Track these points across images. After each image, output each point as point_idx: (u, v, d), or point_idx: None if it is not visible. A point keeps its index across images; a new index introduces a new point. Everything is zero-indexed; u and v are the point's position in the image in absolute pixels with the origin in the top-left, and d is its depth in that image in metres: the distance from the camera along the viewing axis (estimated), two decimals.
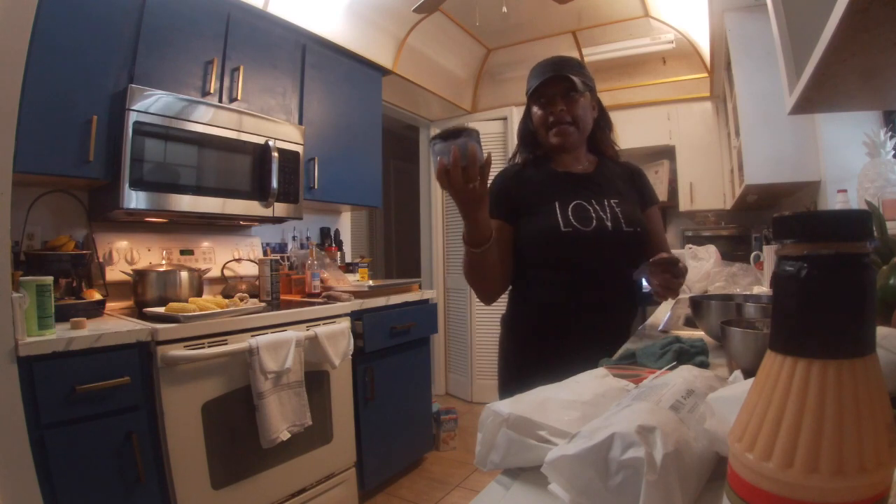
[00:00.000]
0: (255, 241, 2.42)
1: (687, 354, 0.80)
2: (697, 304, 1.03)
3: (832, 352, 0.24)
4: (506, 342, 1.25)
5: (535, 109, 1.18)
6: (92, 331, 1.36)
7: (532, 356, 1.16)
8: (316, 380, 1.90)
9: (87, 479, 1.29)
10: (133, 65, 1.72)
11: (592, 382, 0.58)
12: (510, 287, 1.22)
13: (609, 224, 1.11)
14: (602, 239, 1.10)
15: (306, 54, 2.39)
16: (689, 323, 1.37)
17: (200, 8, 1.94)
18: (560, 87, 1.13)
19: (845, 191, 1.77)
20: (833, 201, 1.92)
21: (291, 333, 1.75)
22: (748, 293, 1.62)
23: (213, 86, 1.96)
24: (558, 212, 1.12)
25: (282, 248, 2.58)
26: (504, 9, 2.35)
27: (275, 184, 2.05)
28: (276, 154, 2.06)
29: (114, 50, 1.67)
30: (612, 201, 1.15)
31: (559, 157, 1.21)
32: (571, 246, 1.10)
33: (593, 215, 1.13)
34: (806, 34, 0.69)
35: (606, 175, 1.22)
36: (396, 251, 5.20)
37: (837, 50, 0.56)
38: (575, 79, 1.12)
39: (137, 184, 1.66)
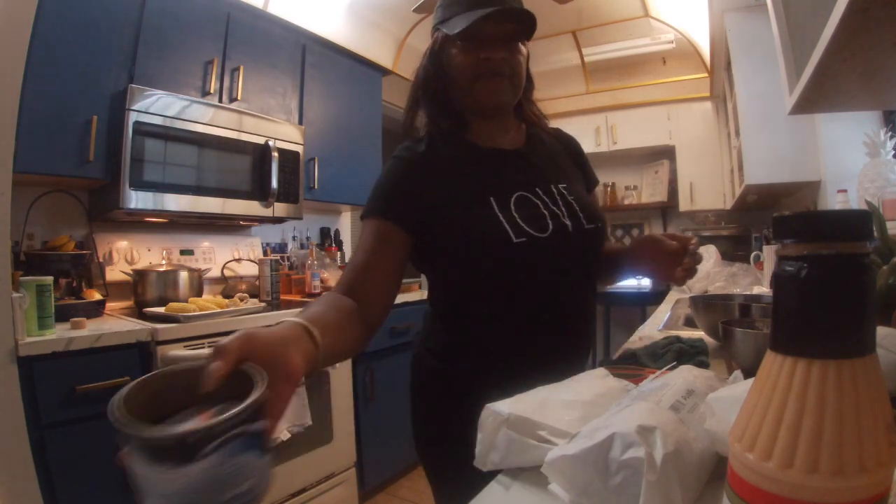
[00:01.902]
0: (255, 241, 2.42)
1: (687, 354, 0.80)
2: (697, 304, 1.04)
3: (832, 352, 0.24)
4: (432, 394, 0.92)
5: (458, 52, 0.80)
6: (92, 331, 1.36)
7: (470, 401, 0.69)
8: (316, 380, 1.90)
9: (87, 479, 1.29)
10: (133, 65, 1.72)
11: (592, 382, 0.58)
12: (434, 317, 0.90)
13: (568, 223, 0.80)
14: (564, 245, 0.79)
15: (306, 54, 2.39)
16: (689, 323, 1.37)
17: (200, 8, 1.94)
18: (504, 27, 0.79)
19: (845, 191, 1.77)
20: (833, 201, 1.92)
21: None
22: (748, 293, 1.62)
23: (213, 86, 1.96)
24: (499, 212, 0.76)
25: (282, 248, 2.59)
26: None
27: (275, 184, 2.05)
28: (276, 154, 2.05)
29: (114, 50, 1.67)
30: (560, 187, 0.84)
31: (479, 127, 0.86)
32: (527, 261, 0.76)
33: (545, 212, 0.79)
34: (806, 34, 0.69)
35: (542, 149, 0.90)
36: None
37: (837, 50, 0.56)
38: (530, 16, 0.79)
39: (137, 184, 1.66)
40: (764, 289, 1.79)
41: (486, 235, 0.75)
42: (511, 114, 0.90)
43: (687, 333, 1.08)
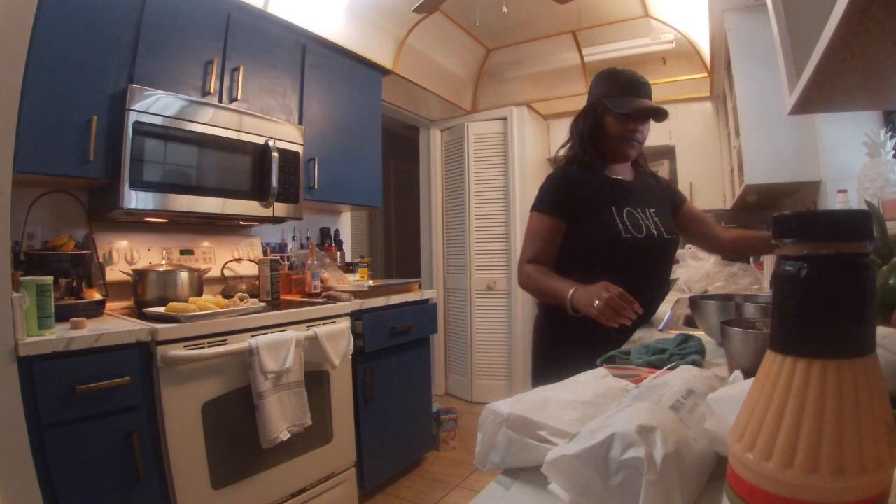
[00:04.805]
0: (255, 241, 2.42)
1: (679, 355, 0.80)
2: (697, 304, 1.03)
3: (832, 352, 0.24)
4: (545, 332, 1.34)
5: (616, 122, 1.28)
6: (92, 331, 1.36)
7: (572, 353, 1.10)
8: (316, 380, 1.90)
9: (87, 479, 1.29)
10: (133, 65, 1.72)
11: (592, 382, 0.58)
12: None
13: (655, 232, 1.26)
14: (651, 246, 1.24)
15: (306, 54, 2.39)
16: (689, 323, 1.37)
17: (200, 8, 1.94)
18: (647, 114, 1.27)
19: (845, 191, 1.77)
20: (833, 201, 1.92)
21: (291, 333, 1.75)
22: (748, 293, 1.62)
23: (213, 86, 1.96)
24: (616, 218, 1.23)
25: (282, 248, 2.58)
26: (504, 9, 2.35)
27: (275, 184, 2.05)
28: (275, 154, 2.05)
29: (114, 50, 1.67)
30: (651, 210, 1.29)
31: (612, 166, 1.33)
32: (628, 251, 1.21)
33: (643, 223, 1.25)
34: (806, 34, 0.69)
35: (645, 185, 1.36)
36: (396, 251, 5.20)
37: (837, 50, 0.56)
38: (665, 115, 1.27)
39: (137, 184, 1.66)
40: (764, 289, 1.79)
41: (608, 230, 1.22)
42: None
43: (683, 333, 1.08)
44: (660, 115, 1.26)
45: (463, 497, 2.24)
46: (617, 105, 1.26)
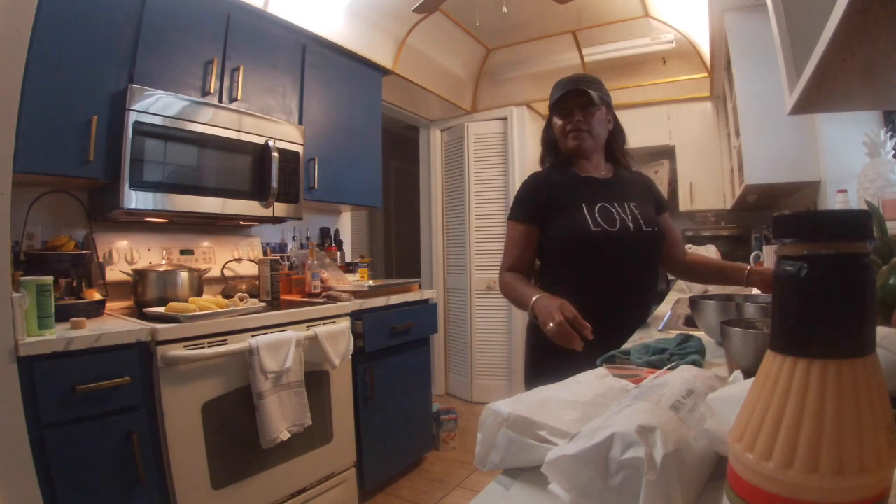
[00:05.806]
0: (255, 241, 2.42)
1: (679, 355, 0.80)
2: (697, 304, 1.03)
3: (832, 352, 0.24)
4: (532, 337, 1.31)
5: (556, 119, 1.33)
6: (92, 331, 1.36)
7: (562, 358, 1.10)
8: (316, 380, 1.90)
9: (87, 479, 1.29)
10: (133, 65, 1.72)
11: (592, 382, 0.58)
12: (539, 285, 1.33)
13: (631, 225, 1.24)
14: (626, 238, 1.23)
15: (306, 54, 2.39)
16: (689, 323, 1.37)
17: (200, 8, 1.94)
18: (578, 100, 1.28)
19: (845, 191, 1.77)
20: (833, 201, 1.92)
21: (291, 333, 1.75)
22: (748, 293, 1.62)
23: (213, 86, 1.96)
24: (586, 213, 1.23)
25: (282, 248, 2.58)
26: (504, 9, 2.35)
27: (275, 184, 2.05)
28: (275, 154, 2.05)
29: (114, 50, 1.67)
30: (630, 204, 1.28)
31: (580, 164, 1.34)
32: (600, 245, 1.21)
33: (617, 217, 1.24)
34: (806, 34, 0.69)
35: (623, 181, 1.35)
36: (396, 251, 5.20)
37: (837, 50, 0.56)
38: (592, 93, 1.26)
39: (137, 184, 1.66)
40: None
41: (576, 225, 1.22)
42: (601, 158, 1.37)
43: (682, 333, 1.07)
44: (579, 97, 1.26)
45: (463, 497, 2.24)
46: (549, 105, 1.33)
